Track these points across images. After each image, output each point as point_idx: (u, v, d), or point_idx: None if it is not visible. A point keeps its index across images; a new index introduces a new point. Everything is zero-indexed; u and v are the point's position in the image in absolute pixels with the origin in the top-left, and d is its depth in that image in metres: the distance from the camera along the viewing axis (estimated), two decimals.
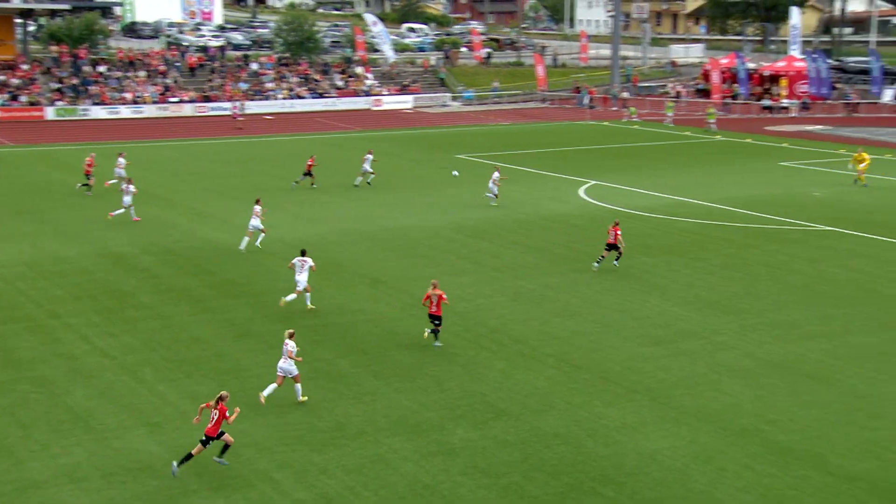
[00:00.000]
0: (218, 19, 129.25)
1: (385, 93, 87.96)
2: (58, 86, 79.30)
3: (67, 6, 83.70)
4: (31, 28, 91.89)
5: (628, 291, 31.21)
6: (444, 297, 25.69)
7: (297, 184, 48.18)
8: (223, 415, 18.84)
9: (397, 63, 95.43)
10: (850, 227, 40.36)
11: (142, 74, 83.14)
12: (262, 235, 35.96)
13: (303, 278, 28.65)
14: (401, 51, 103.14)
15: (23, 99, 76.88)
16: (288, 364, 22.10)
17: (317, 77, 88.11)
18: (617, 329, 27.72)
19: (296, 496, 18.31)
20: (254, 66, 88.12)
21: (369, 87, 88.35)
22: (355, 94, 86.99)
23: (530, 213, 43.01)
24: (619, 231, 33.30)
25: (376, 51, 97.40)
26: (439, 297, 25.57)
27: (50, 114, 76.52)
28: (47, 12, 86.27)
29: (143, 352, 25.69)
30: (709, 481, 18.99)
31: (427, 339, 26.06)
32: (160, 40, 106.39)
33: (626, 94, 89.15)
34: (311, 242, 32.75)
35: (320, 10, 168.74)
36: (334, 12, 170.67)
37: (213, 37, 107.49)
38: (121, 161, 47.43)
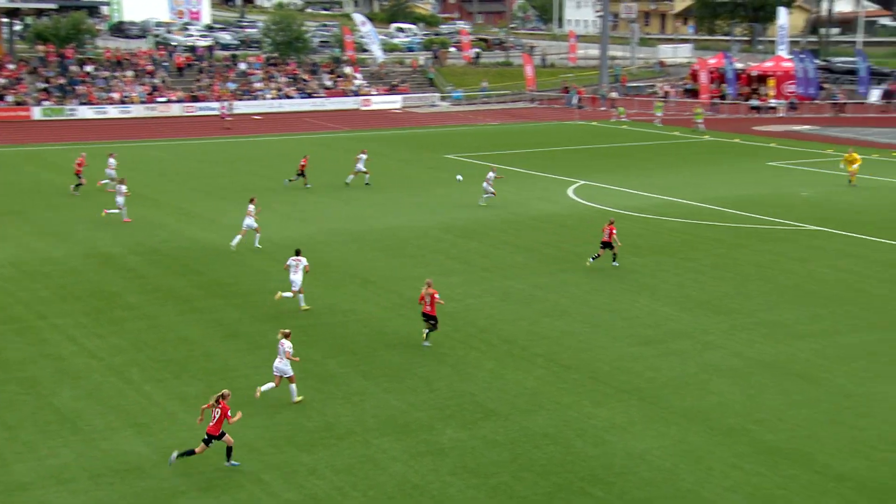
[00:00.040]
0: (206, 19, 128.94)
1: (374, 93, 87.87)
2: (45, 85, 78.96)
3: (54, 5, 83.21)
4: (18, 27, 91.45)
5: (618, 291, 31.22)
6: (437, 296, 25.65)
7: (290, 182, 48.17)
8: (225, 413, 18.82)
9: (386, 63, 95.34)
10: (838, 227, 40.45)
11: (129, 74, 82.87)
12: (258, 235, 35.91)
13: (297, 279, 28.58)
14: (389, 51, 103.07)
15: (9, 99, 76.57)
16: (283, 364, 22.02)
17: (305, 77, 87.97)
18: (606, 329, 27.72)
19: (285, 497, 18.25)
20: (242, 65, 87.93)
21: (358, 87, 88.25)
22: (344, 94, 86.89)
23: (519, 212, 42.99)
24: (614, 230, 33.33)
25: (365, 51, 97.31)
26: (432, 295, 25.54)
27: (37, 114, 76.24)
28: (34, 11, 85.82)
29: (130, 352, 25.59)
30: (697, 481, 19.00)
31: (425, 339, 26.02)
32: (148, 40, 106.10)
33: (614, 94, 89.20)
34: (300, 242, 32.66)
35: (309, 10, 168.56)
36: (323, 12, 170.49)
37: (201, 36, 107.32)
38: (111, 162, 47.28)
